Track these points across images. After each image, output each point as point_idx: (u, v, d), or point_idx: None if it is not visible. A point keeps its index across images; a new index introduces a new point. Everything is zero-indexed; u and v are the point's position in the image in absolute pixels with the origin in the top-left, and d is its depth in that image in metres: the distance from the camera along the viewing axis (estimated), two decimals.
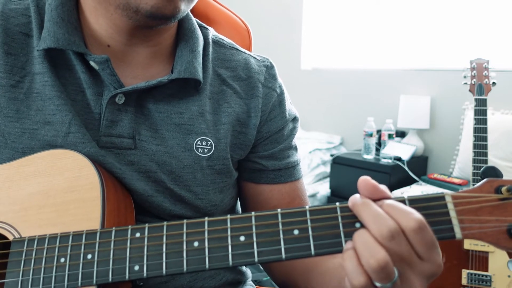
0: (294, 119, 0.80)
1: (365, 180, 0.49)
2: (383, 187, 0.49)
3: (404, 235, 0.45)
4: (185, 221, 0.52)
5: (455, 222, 0.47)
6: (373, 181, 0.49)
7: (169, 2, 0.59)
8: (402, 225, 0.45)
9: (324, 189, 2.86)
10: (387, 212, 0.46)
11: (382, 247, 0.44)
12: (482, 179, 0.49)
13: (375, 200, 0.48)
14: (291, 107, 0.80)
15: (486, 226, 0.47)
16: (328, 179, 2.91)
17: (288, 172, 0.77)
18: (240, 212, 0.84)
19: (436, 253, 0.46)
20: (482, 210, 0.47)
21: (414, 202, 0.48)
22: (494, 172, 0.49)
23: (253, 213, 0.51)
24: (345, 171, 2.72)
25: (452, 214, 0.48)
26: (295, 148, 0.80)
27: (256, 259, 0.49)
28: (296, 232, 0.49)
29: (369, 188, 0.48)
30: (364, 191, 0.49)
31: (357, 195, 0.49)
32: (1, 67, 0.63)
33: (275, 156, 0.76)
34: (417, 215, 0.45)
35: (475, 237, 0.47)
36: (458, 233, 0.47)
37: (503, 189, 0.47)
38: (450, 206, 0.48)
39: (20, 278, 0.53)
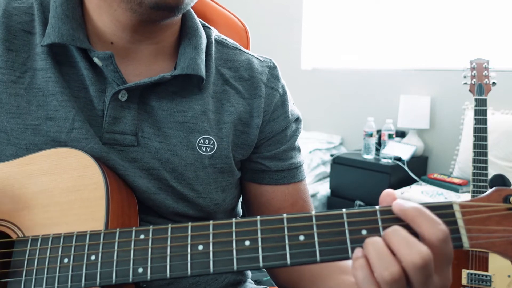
0: (297, 120, 0.80)
1: (390, 194, 0.49)
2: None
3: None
4: (189, 224, 0.52)
5: (463, 231, 0.47)
6: (396, 197, 0.50)
7: None
8: (430, 234, 0.45)
9: (324, 189, 2.86)
10: (413, 217, 0.46)
11: (396, 260, 0.44)
12: (490, 187, 0.49)
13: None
14: (294, 107, 0.80)
15: (494, 236, 0.47)
16: (328, 179, 2.91)
17: (291, 173, 0.77)
18: (241, 213, 0.84)
19: (449, 267, 0.47)
20: (490, 219, 0.47)
21: None
22: (502, 181, 0.49)
23: (258, 217, 0.50)
24: (345, 171, 2.72)
25: (460, 223, 0.47)
26: (298, 149, 0.80)
27: (261, 264, 0.49)
28: (301, 237, 0.49)
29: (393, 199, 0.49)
30: (385, 204, 0.49)
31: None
32: (2, 63, 0.63)
33: (278, 157, 0.76)
34: (443, 226, 0.45)
35: (482, 247, 0.47)
36: (466, 243, 0.47)
37: None
38: (458, 215, 0.48)
39: (23, 277, 0.53)
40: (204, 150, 0.68)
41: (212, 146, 0.69)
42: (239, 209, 0.84)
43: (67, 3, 0.65)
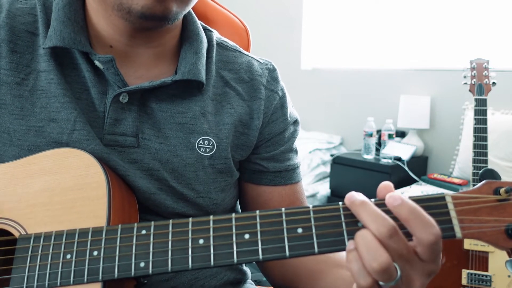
0: (295, 122, 0.81)
1: (387, 187, 0.50)
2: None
3: (399, 235, 0.46)
4: (190, 219, 0.52)
5: (455, 222, 0.48)
6: (393, 190, 0.50)
7: (160, 3, 0.59)
8: (422, 238, 0.45)
9: (324, 189, 2.86)
10: (407, 219, 0.46)
11: (384, 249, 0.45)
12: (481, 181, 0.50)
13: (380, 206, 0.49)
14: (293, 110, 0.81)
15: (485, 226, 0.48)
16: (328, 179, 2.91)
17: (288, 175, 0.78)
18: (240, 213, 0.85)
19: (439, 256, 0.48)
20: (481, 210, 0.48)
21: (415, 202, 0.49)
22: (492, 175, 0.50)
23: (257, 211, 0.51)
24: (345, 171, 2.72)
25: (452, 214, 0.49)
26: (296, 151, 0.81)
27: (260, 256, 0.49)
28: (300, 230, 0.50)
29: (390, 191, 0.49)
30: (381, 196, 0.50)
31: (354, 193, 0.49)
32: (6, 65, 0.64)
33: (276, 158, 0.77)
34: (436, 229, 0.46)
35: (474, 237, 0.48)
36: (458, 233, 0.48)
37: (502, 190, 0.48)
38: (451, 206, 0.49)
39: (26, 274, 0.54)
40: (203, 150, 0.69)
41: (211, 147, 0.69)
42: (238, 209, 0.85)
43: (69, 6, 0.65)
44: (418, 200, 0.49)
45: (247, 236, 0.50)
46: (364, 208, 0.47)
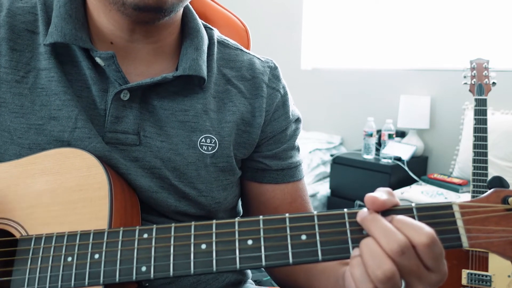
0: (297, 120, 0.81)
1: (371, 198, 0.49)
2: (390, 197, 0.49)
3: (414, 250, 0.45)
4: (193, 223, 0.52)
5: (462, 231, 0.48)
6: (380, 198, 0.49)
7: None
8: (414, 240, 0.45)
9: (324, 189, 2.86)
10: (397, 228, 0.46)
11: (389, 259, 0.45)
12: (489, 189, 0.50)
13: (384, 214, 0.48)
14: (294, 108, 0.81)
15: (492, 236, 0.47)
16: (328, 179, 2.91)
17: (290, 172, 0.78)
18: (241, 212, 0.84)
19: (443, 263, 0.47)
20: (489, 220, 0.48)
21: (421, 210, 0.49)
22: (500, 183, 0.50)
23: (261, 217, 0.51)
24: (345, 171, 2.72)
25: (460, 223, 0.48)
26: (298, 149, 0.81)
27: (263, 263, 0.49)
28: (303, 237, 0.49)
29: (378, 206, 0.49)
30: (372, 208, 0.49)
31: (365, 210, 0.49)
32: (6, 63, 0.64)
33: (278, 156, 0.77)
34: (428, 229, 0.46)
35: (481, 247, 0.48)
36: (465, 242, 0.48)
37: (510, 199, 0.48)
38: (458, 215, 0.48)
39: (27, 276, 0.54)
40: (205, 149, 0.69)
41: (213, 145, 0.69)
42: (240, 208, 0.84)
43: (71, 3, 0.65)
44: (425, 208, 0.49)
45: (250, 242, 0.50)
46: (375, 223, 0.47)
